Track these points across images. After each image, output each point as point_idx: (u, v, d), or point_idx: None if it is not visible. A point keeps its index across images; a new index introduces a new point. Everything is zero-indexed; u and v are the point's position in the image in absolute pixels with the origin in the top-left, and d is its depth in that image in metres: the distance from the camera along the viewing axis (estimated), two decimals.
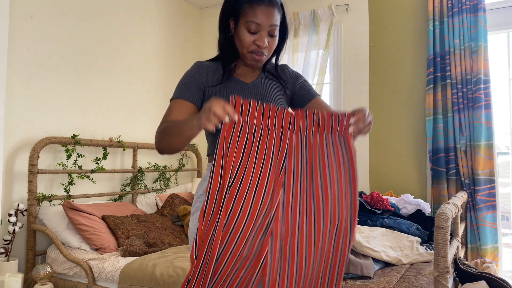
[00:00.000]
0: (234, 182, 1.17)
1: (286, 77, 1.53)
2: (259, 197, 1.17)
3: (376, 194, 2.73)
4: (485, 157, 2.96)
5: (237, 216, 1.17)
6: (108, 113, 3.35)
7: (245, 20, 1.35)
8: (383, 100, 3.50)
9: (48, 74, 2.91)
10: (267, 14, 1.34)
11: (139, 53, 3.64)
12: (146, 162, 3.69)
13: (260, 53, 1.38)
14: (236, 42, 1.41)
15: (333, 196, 1.20)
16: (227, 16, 1.42)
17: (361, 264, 2.06)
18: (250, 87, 1.45)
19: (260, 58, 1.39)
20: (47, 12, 2.91)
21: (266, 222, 1.18)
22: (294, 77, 1.54)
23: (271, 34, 1.38)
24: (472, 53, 3.05)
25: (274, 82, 1.50)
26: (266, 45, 1.37)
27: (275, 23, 1.37)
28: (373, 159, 3.51)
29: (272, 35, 1.38)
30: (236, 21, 1.39)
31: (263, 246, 1.18)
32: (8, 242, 2.56)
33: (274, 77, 1.51)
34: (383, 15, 3.52)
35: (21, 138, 2.75)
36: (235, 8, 1.39)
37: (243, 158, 1.19)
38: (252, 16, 1.34)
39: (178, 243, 2.83)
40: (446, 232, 1.69)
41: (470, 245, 3.01)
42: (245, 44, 1.37)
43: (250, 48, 1.37)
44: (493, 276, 2.06)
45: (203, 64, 1.47)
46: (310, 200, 1.21)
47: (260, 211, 1.18)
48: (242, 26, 1.37)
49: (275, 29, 1.37)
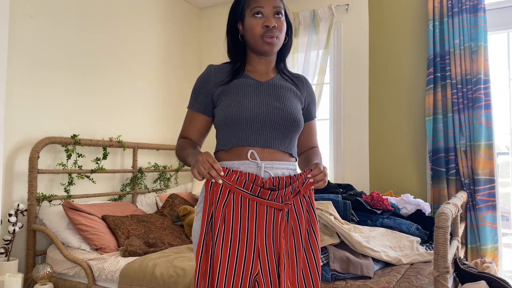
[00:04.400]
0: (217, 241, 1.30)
1: (304, 88, 1.55)
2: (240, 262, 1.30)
3: (376, 194, 2.73)
4: (485, 157, 2.96)
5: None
6: (108, 113, 3.35)
7: (249, 9, 1.43)
8: (383, 100, 3.50)
9: (48, 74, 2.91)
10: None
11: (139, 53, 3.64)
12: (146, 162, 3.69)
13: (271, 34, 1.41)
14: (248, 38, 1.45)
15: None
16: (234, 22, 1.49)
17: (361, 264, 2.06)
18: (264, 85, 1.46)
19: (272, 40, 1.41)
20: (47, 12, 2.91)
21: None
22: (309, 92, 1.58)
23: (277, 15, 1.43)
24: (472, 53, 3.05)
25: (290, 84, 1.51)
26: (274, 24, 1.41)
27: (278, 5, 1.43)
28: (373, 159, 3.51)
29: (278, 17, 1.43)
30: (242, 20, 1.46)
31: None
32: (8, 242, 2.56)
33: (290, 80, 1.53)
34: (383, 15, 3.52)
35: (21, 138, 2.75)
36: (239, 9, 1.46)
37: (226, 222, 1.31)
38: (255, 2, 1.42)
39: (178, 243, 2.83)
40: (446, 232, 1.69)
41: (470, 245, 3.01)
42: (255, 30, 1.41)
43: (260, 32, 1.41)
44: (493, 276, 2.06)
45: (213, 66, 1.50)
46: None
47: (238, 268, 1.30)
48: (249, 17, 1.43)
49: (279, 10, 1.43)
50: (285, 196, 1.33)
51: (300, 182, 1.36)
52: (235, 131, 1.40)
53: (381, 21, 3.53)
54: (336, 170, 3.64)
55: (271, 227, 1.32)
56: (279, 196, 1.33)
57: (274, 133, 1.41)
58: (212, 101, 1.47)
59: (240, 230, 1.30)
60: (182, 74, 4.13)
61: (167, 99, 3.93)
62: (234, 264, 1.28)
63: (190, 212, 3.06)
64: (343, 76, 3.65)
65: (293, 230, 1.35)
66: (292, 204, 1.35)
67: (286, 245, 1.33)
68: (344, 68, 3.65)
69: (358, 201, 2.67)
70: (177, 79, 4.07)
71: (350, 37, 3.65)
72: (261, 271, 1.29)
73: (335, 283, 1.96)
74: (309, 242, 1.36)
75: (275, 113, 1.40)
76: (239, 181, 1.32)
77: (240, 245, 1.30)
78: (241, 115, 1.38)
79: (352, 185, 3.09)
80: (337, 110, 3.65)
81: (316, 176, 1.33)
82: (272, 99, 1.43)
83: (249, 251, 1.30)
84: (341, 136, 3.62)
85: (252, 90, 1.43)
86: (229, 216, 1.31)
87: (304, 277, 1.34)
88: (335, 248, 2.16)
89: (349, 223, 2.45)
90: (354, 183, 3.55)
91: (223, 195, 1.31)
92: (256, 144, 1.39)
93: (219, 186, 1.32)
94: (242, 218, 1.31)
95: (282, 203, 1.33)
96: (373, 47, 3.56)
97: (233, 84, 1.44)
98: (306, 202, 1.38)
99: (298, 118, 1.44)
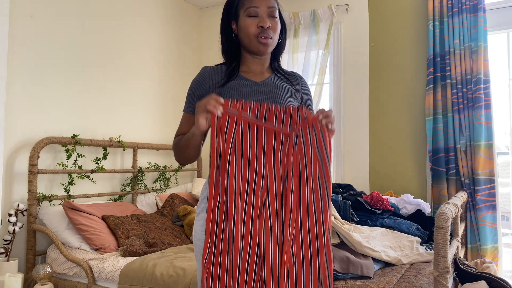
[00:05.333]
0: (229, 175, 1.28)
1: (299, 86, 1.55)
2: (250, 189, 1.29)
3: (376, 194, 2.73)
4: (485, 157, 2.96)
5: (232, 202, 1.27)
6: (108, 113, 3.35)
7: (244, 9, 1.43)
8: (383, 100, 3.50)
9: (48, 74, 2.91)
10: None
11: (139, 53, 3.64)
12: (146, 162, 3.69)
13: (266, 35, 1.41)
14: (242, 37, 1.45)
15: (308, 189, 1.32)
16: (228, 21, 1.49)
17: (361, 264, 2.06)
18: (260, 86, 1.46)
19: (267, 40, 1.42)
20: (47, 12, 2.91)
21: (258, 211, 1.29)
22: (305, 90, 1.57)
23: (271, 16, 1.43)
24: (472, 53, 3.05)
25: (285, 83, 1.51)
26: (268, 25, 1.41)
27: (273, 5, 1.43)
28: (373, 159, 3.51)
29: (272, 17, 1.43)
30: (236, 19, 1.46)
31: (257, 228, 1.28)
32: (8, 242, 2.56)
33: (285, 78, 1.53)
34: (383, 15, 3.52)
35: (21, 138, 2.76)
36: (233, 8, 1.46)
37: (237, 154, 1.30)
38: (249, 2, 1.42)
39: (178, 243, 2.83)
40: (446, 232, 1.69)
41: (470, 245, 3.01)
42: (249, 30, 1.41)
43: (255, 32, 1.41)
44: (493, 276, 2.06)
45: (207, 68, 1.50)
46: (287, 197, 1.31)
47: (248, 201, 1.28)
48: (243, 17, 1.43)
49: (274, 11, 1.43)
50: (293, 122, 1.32)
51: (308, 114, 1.34)
52: None
53: (381, 21, 3.53)
54: (336, 170, 3.64)
55: (278, 153, 1.31)
56: (286, 120, 1.32)
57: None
58: None
59: (250, 157, 1.29)
60: (182, 74, 4.13)
61: (167, 99, 3.93)
62: (246, 188, 1.28)
63: (190, 212, 3.06)
64: (343, 76, 3.65)
65: (299, 159, 1.31)
66: (300, 132, 1.32)
67: (295, 170, 1.31)
68: (344, 68, 3.65)
69: (358, 201, 2.67)
70: (177, 79, 4.07)
71: (350, 37, 3.65)
72: (268, 197, 1.29)
73: (335, 283, 1.96)
74: (317, 172, 1.31)
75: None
76: (244, 107, 1.31)
77: (250, 172, 1.29)
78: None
79: (352, 185, 3.09)
80: (337, 110, 3.65)
81: (324, 113, 1.31)
82: (269, 99, 1.43)
83: (258, 178, 1.29)
84: (341, 136, 3.63)
85: (248, 91, 1.43)
86: (239, 146, 1.30)
87: (308, 205, 1.30)
88: (335, 248, 2.16)
89: (349, 223, 2.45)
90: (354, 183, 3.55)
91: (230, 126, 1.30)
92: None
93: (225, 119, 1.29)
94: (251, 146, 1.30)
95: (290, 130, 1.31)
96: (373, 47, 3.56)
97: (228, 86, 1.44)
98: (317, 135, 1.33)
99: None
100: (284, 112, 1.33)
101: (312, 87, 3.61)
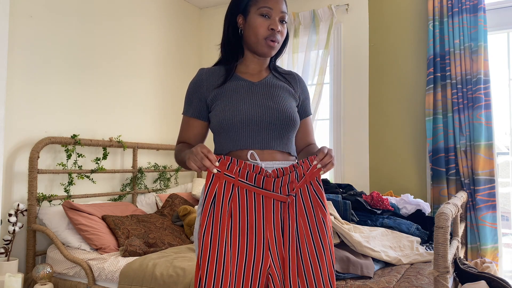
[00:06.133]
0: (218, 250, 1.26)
1: (297, 85, 1.54)
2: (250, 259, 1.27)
3: (376, 194, 2.73)
4: (485, 157, 2.96)
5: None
6: (108, 113, 3.35)
7: (256, 7, 1.41)
8: (383, 100, 3.50)
9: (48, 74, 2.92)
10: (277, 0, 1.42)
11: (139, 53, 3.64)
12: (146, 162, 3.69)
13: (274, 39, 1.41)
14: (248, 35, 1.44)
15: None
16: (234, 14, 1.46)
17: (361, 264, 2.06)
18: (257, 86, 1.45)
19: (274, 44, 1.42)
20: (47, 12, 2.91)
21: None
22: (303, 89, 1.56)
23: (282, 20, 1.43)
24: (472, 53, 3.05)
25: (283, 82, 1.50)
26: (279, 29, 1.41)
27: (285, 10, 1.43)
28: (373, 159, 3.51)
29: (282, 21, 1.44)
30: (245, 14, 1.44)
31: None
32: (8, 242, 2.56)
33: (282, 78, 1.52)
34: (383, 15, 3.52)
35: (21, 138, 2.76)
36: (244, 1, 1.44)
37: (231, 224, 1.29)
38: (263, 2, 1.41)
39: (178, 243, 2.83)
40: (446, 232, 1.69)
41: (470, 245, 3.01)
42: (260, 31, 1.40)
43: (265, 34, 1.41)
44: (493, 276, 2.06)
45: (204, 70, 1.49)
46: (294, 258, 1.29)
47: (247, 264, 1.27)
48: (254, 15, 1.41)
49: (285, 16, 1.43)
50: (291, 183, 1.30)
51: (305, 167, 1.32)
52: (231, 136, 1.39)
53: (381, 21, 3.53)
54: (336, 170, 3.64)
55: (279, 219, 1.30)
56: (284, 184, 1.30)
57: (271, 133, 1.40)
58: (206, 105, 1.46)
59: (248, 224, 1.28)
60: (182, 74, 4.13)
61: (167, 99, 3.93)
62: (244, 258, 1.26)
63: (190, 212, 3.06)
64: (343, 76, 3.65)
65: (301, 220, 1.30)
66: (299, 192, 1.31)
67: (295, 236, 1.29)
68: (344, 68, 3.65)
69: (358, 201, 2.67)
70: (177, 79, 4.07)
71: (350, 37, 3.65)
72: (273, 263, 1.26)
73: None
74: (317, 232, 1.30)
75: (270, 113, 1.39)
76: (242, 173, 1.29)
77: (249, 240, 1.27)
78: (236, 119, 1.37)
79: (352, 185, 3.09)
80: (337, 110, 3.65)
81: (322, 159, 1.29)
82: (266, 99, 1.42)
83: (259, 245, 1.27)
84: (341, 136, 3.62)
85: (245, 92, 1.42)
86: (235, 211, 1.28)
87: (312, 267, 1.28)
88: (335, 248, 2.16)
89: (349, 223, 2.45)
90: (354, 183, 3.55)
91: (227, 190, 1.28)
92: (254, 147, 1.38)
93: (222, 182, 1.28)
94: (249, 212, 1.28)
95: (288, 193, 1.30)
96: (373, 47, 3.56)
97: (226, 87, 1.43)
98: (315, 190, 1.32)
99: (293, 116, 1.43)
100: (282, 175, 1.31)
101: (312, 87, 3.60)
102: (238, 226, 1.27)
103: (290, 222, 1.29)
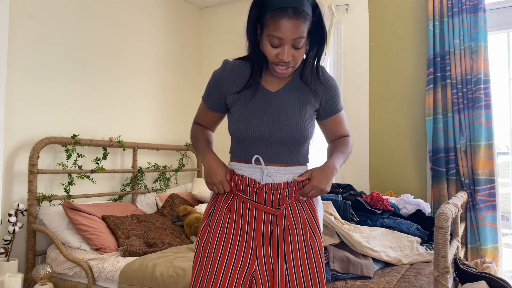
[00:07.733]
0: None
1: (318, 85, 1.43)
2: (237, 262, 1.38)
3: (376, 194, 2.73)
4: (485, 157, 2.96)
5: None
6: (108, 113, 3.35)
7: (267, 32, 1.28)
8: (383, 100, 3.50)
9: (48, 74, 2.91)
10: (290, 27, 1.24)
11: (139, 52, 3.64)
12: (146, 162, 3.69)
13: (284, 67, 1.33)
14: (263, 50, 1.34)
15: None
16: (254, 21, 1.33)
17: (361, 264, 2.06)
18: (274, 97, 1.40)
19: (283, 72, 1.34)
20: (47, 12, 2.91)
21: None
22: (327, 87, 1.45)
23: (295, 47, 1.29)
24: (472, 53, 3.05)
25: (302, 90, 1.42)
26: (289, 59, 1.29)
27: (300, 35, 1.26)
28: (373, 159, 3.51)
29: (297, 48, 1.29)
30: (261, 28, 1.32)
31: None
32: (8, 242, 2.56)
33: (305, 83, 1.43)
34: (383, 15, 3.52)
35: (21, 138, 2.75)
36: (259, 15, 1.31)
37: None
38: (273, 29, 1.26)
39: (178, 243, 2.83)
40: (446, 232, 1.69)
41: (470, 245, 3.01)
42: (269, 55, 1.31)
43: (274, 61, 1.31)
44: (493, 276, 2.06)
45: (228, 65, 1.43)
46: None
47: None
48: (265, 38, 1.30)
49: (299, 42, 1.28)
50: (282, 199, 1.40)
51: (297, 189, 1.42)
52: (242, 147, 1.43)
53: (381, 21, 3.53)
54: None
55: (268, 229, 1.38)
56: (275, 198, 1.39)
57: (280, 148, 1.40)
58: (225, 102, 1.47)
59: (241, 231, 1.39)
60: (182, 74, 4.13)
61: (167, 99, 3.93)
62: (233, 260, 1.35)
63: (190, 212, 3.06)
64: (343, 76, 3.65)
65: (290, 232, 1.38)
66: (289, 207, 1.41)
67: (283, 247, 1.38)
68: (344, 68, 3.65)
69: (358, 201, 2.67)
70: (177, 79, 4.07)
71: (350, 37, 3.65)
72: (258, 269, 1.36)
73: (335, 283, 1.96)
74: (310, 245, 1.39)
75: (281, 130, 1.37)
76: (238, 186, 1.41)
77: (239, 245, 1.38)
78: (248, 133, 1.38)
79: (352, 185, 3.09)
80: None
81: (306, 193, 1.40)
82: (279, 114, 1.38)
83: (247, 250, 1.37)
84: None
85: (260, 105, 1.39)
86: (231, 218, 1.40)
87: (303, 279, 1.35)
88: (335, 248, 2.16)
89: (349, 223, 2.45)
90: (354, 183, 3.55)
91: (227, 198, 1.44)
92: (264, 160, 1.41)
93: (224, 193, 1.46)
94: (243, 220, 1.40)
95: (278, 207, 1.39)
96: (373, 47, 3.56)
97: (244, 95, 1.41)
98: (306, 205, 1.44)
99: (304, 133, 1.39)
100: (274, 190, 1.39)
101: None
102: (232, 232, 1.39)
103: (279, 234, 1.38)
